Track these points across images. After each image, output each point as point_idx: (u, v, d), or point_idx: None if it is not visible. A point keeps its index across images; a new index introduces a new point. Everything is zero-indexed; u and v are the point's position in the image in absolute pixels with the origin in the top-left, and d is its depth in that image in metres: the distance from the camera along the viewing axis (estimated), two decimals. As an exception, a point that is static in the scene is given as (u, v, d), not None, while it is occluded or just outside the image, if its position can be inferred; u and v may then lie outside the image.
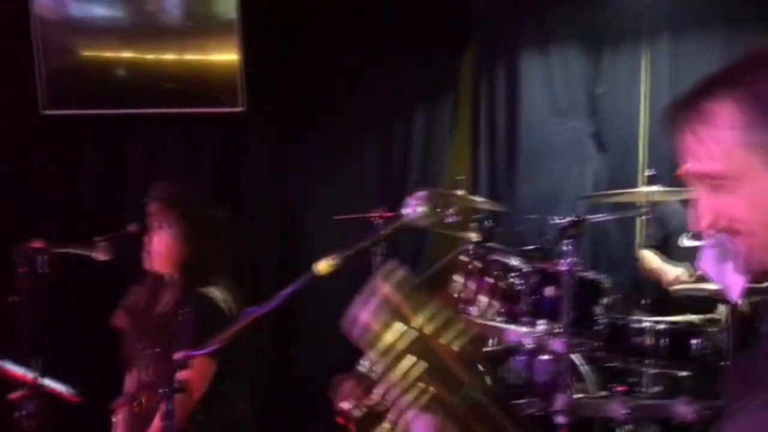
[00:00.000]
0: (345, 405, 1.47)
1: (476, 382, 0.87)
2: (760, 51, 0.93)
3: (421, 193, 1.39)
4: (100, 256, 2.56)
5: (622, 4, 4.15)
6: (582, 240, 2.91)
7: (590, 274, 3.08)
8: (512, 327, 2.91)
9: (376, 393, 1.35)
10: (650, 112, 4.11)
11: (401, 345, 0.85)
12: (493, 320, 2.91)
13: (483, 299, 2.94)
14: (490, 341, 3.07)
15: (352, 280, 1.19)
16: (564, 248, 2.69)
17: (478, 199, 3.74)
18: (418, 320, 0.86)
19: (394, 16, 4.38)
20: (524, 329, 2.90)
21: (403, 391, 0.86)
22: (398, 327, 0.86)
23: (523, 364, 2.98)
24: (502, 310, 2.92)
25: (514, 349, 3.03)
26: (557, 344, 2.73)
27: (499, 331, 2.97)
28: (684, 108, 0.94)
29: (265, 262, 4.47)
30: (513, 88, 4.30)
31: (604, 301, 2.99)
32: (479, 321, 2.92)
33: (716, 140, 0.91)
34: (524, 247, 3.22)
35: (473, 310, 2.95)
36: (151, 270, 2.41)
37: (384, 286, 0.88)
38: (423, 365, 0.84)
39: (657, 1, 4.07)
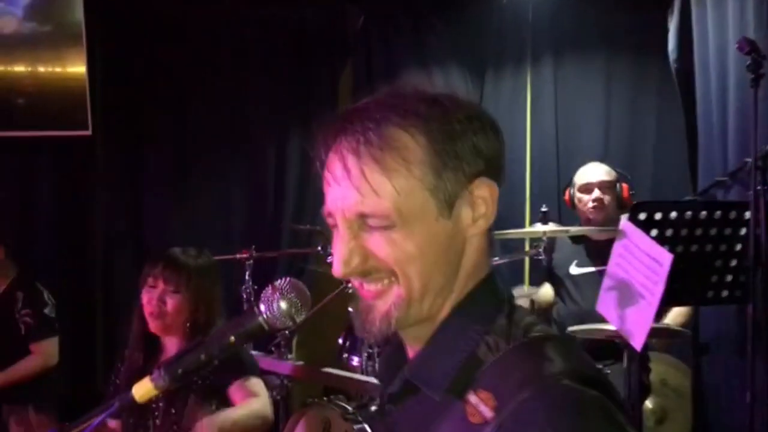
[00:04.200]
0: None
1: None
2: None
3: (283, 283, 1.02)
4: None
5: (503, 27, 4.01)
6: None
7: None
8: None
9: None
10: (533, 136, 3.96)
11: None
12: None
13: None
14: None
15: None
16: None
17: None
18: None
19: (267, 34, 4.04)
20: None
21: None
22: None
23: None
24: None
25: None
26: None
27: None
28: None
29: (119, 307, 3.93)
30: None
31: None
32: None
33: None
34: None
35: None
36: None
37: None
38: None
39: (538, 24, 3.95)
